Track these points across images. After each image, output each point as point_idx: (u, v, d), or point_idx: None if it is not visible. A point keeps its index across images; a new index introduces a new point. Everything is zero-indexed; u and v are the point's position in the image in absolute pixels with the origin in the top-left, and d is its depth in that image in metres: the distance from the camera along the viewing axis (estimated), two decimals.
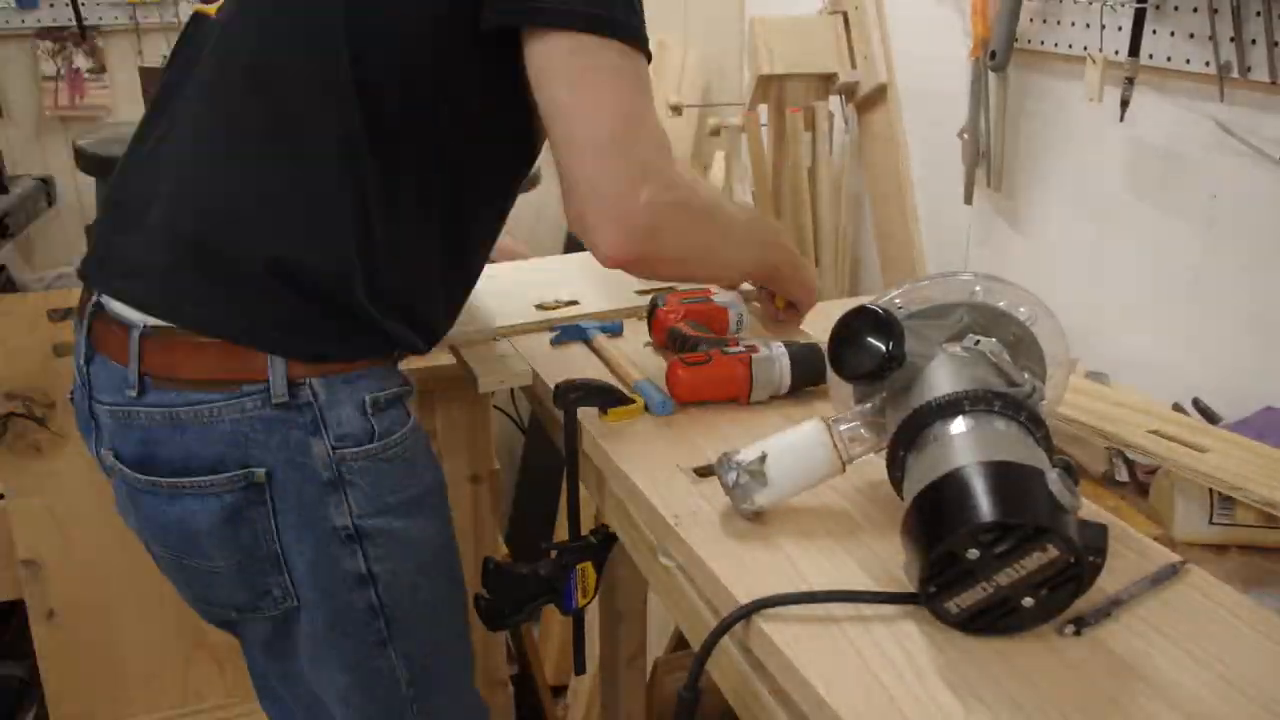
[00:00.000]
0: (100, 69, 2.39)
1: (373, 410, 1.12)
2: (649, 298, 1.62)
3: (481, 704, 1.39)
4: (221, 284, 1.07)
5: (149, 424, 1.09)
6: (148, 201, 1.10)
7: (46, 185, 2.34)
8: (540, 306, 1.61)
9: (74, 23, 2.32)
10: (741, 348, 1.29)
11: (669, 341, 1.41)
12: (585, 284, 1.69)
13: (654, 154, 1.06)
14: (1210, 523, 1.11)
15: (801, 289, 1.38)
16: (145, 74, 2.07)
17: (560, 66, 1.02)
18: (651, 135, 1.06)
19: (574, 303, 1.62)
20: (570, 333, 1.51)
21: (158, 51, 2.39)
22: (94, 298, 1.14)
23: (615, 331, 1.51)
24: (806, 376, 1.29)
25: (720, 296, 1.48)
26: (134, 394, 1.08)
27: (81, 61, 2.38)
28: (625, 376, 1.35)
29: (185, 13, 2.41)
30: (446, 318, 1.26)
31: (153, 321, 1.07)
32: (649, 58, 1.08)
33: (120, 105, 2.42)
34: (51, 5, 2.32)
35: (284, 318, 1.07)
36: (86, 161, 2.05)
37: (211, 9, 1.16)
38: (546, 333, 1.54)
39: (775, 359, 1.28)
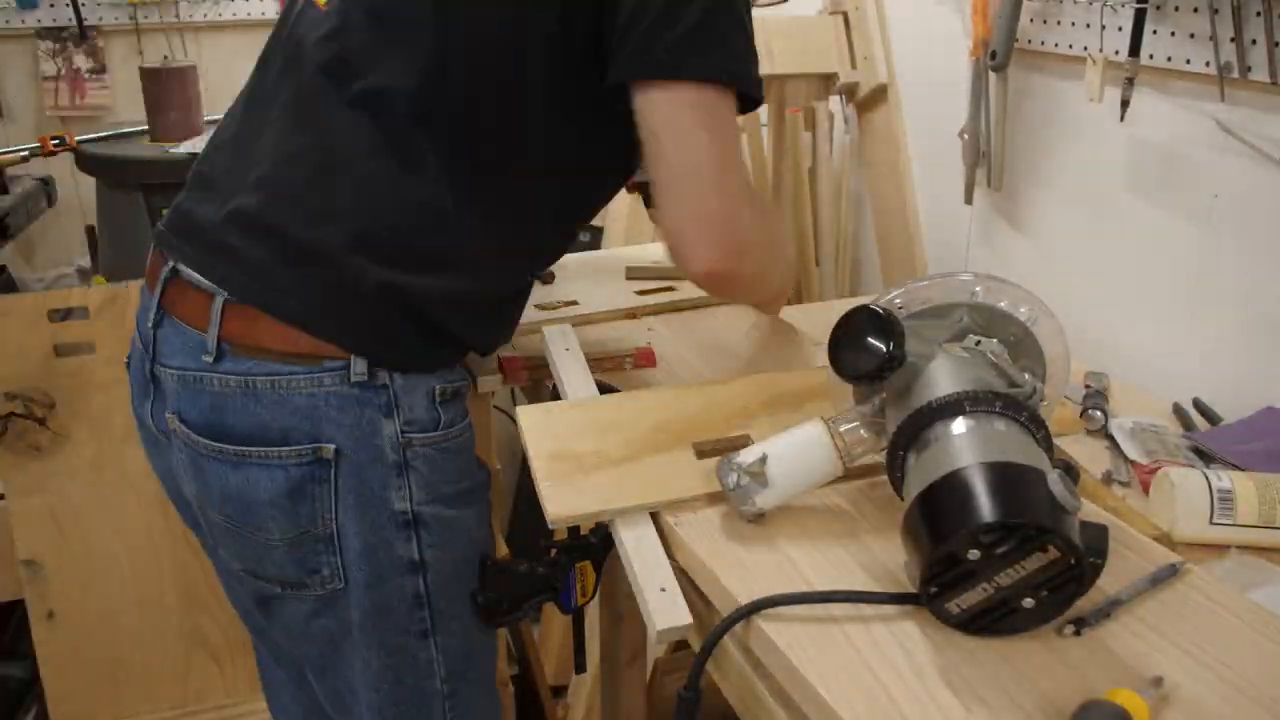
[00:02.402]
0: (100, 69, 2.39)
1: (440, 400, 1.15)
2: (651, 298, 1.63)
3: (500, 704, 1.39)
4: (318, 285, 1.09)
5: (222, 390, 1.09)
6: (237, 187, 1.12)
7: (46, 185, 2.34)
8: (540, 306, 1.61)
9: (74, 23, 2.32)
10: None
11: None
12: (585, 284, 1.70)
13: (746, 186, 1.14)
14: (1211, 523, 1.10)
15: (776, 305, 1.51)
16: (146, 74, 2.07)
17: (667, 113, 1.07)
18: (744, 169, 1.17)
19: (573, 303, 1.62)
20: None
21: (158, 51, 2.38)
22: (168, 263, 1.15)
23: None
24: None
25: None
26: (210, 359, 1.09)
27: (82, 61, 2.38)
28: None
29: (185, 13, 2.40)
30: (513, 328, 1.31)
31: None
32: (757, 99, 1.13)
33: (120, 105, 2.41)
34: (52, 5, 2.32)
35: (381, 333, 1.10)
36: (86, 161, 2.05)
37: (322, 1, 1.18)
38: (544, 330, 1.54)
39: None
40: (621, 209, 2.69)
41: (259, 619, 1.26)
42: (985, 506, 0.81)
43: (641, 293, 1.67)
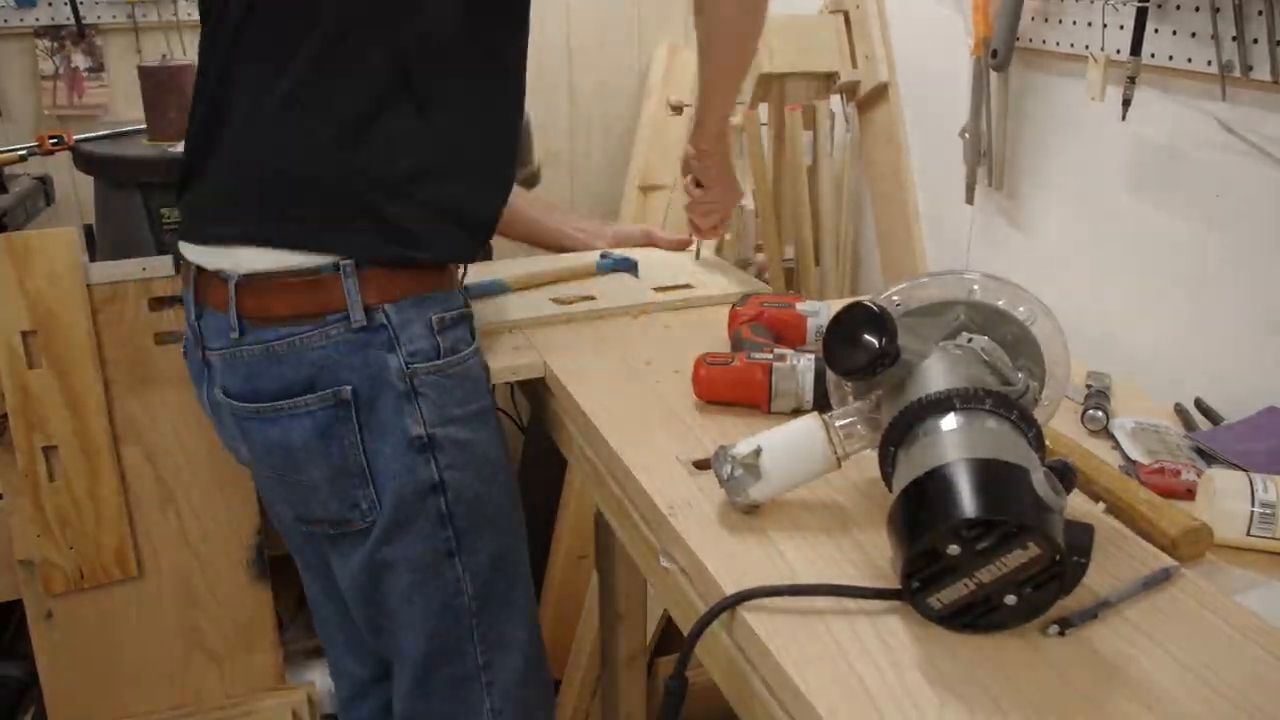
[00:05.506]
0: (99, 68, 2.39)
1: (439, 329, 1.26)
2: (667, 295, 1.62)
3: (541, 650, 1.47)
4: (292, 206, 1.22)
5: (250, 360, 1.25)
6: (211, 148, 1.26)
7: (45, 184, 2.34)
8: (556, 301, 1.61)
9: (72, 21, 2.32)
10: (771, 355, 1.27)
11: (732, 343, 1.40)
12: (603, 281, 1.70)
13: None
14: (1248, 534, 1.08)
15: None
16: (144, 73, 2.07)
17: None
18: None
19: (590, 298, 1.62)
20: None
21: (157, 50, 2.39)
22: (192, 266, 1.29)
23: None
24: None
25: (804, 305, 1.46)
26: (236, 336, 1.24)
27: (80, 60, 2.38)
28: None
29: (185, 12, 2.40)
30: (494, 214, 1.35)
31: (245, 269, 1.22)
32: None
33: (119, 104, 2.41)
34: (50, 4, 2.32)
35: (355, 226, 1.22)
36: (84, 160, 2.06)
37: None
38: (561, 325, 1.55)
39: (798, 370, 1.25)
40: (627, 211, 2.69)
41: (313, 559, 1.49)
42: (966, 502, 0.80)
43: (659, 289, 1.68)
